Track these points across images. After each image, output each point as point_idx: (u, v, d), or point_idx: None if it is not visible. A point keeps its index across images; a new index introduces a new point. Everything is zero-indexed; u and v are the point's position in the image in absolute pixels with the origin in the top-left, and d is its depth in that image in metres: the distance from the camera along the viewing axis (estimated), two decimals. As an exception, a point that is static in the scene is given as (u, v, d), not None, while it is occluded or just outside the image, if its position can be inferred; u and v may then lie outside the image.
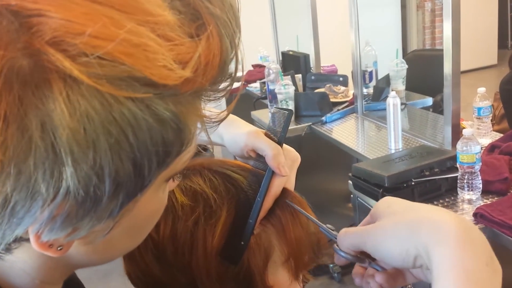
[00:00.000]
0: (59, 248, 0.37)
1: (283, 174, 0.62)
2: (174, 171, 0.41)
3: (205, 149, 0.47)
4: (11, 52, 0.30)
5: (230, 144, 0.69)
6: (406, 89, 2.74)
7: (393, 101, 2.01)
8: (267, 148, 0.62)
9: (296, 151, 0.69)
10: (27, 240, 0.36)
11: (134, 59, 0.32)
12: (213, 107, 0.41)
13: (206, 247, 0.57)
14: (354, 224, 1.96)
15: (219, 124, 0.42)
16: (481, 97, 1.93)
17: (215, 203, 0.59)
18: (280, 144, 0.63)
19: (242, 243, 0.58)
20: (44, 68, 0.30)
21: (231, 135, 0.69)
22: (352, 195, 1.89)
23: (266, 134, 0.65)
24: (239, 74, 0.40)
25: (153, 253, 0.58)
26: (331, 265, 2.80)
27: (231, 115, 0.74)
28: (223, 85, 0.39)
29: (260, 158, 0.64)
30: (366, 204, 1.75)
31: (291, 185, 0.66)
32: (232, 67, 0.39)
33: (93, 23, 0.31)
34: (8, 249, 0.39)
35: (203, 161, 0.66)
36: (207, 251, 0.57)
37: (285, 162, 0.63)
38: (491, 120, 2.05)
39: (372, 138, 2.36)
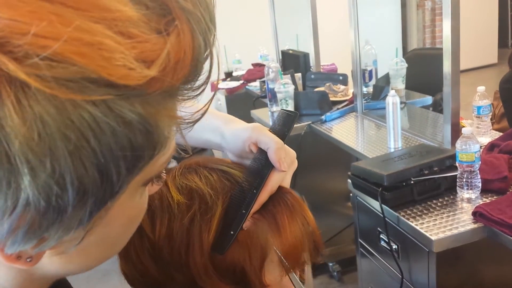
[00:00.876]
0: (28, 260, 0.36)
1: (282, 169, 0.62)
2: (150, 175, 0.39)
3: (185, 150, 0.45)
4: None
5: (231, 139, 0.68)
6: (406, 88, 2.74)
7: (392, 100, 2.01)
8: (271, 141, 0.63)
9: (296, 150, 0.69)
10: None
11: (87, 59, 0.29)
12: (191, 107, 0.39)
13: (203, 243, 0.57)
14: (353, 223, 1.96)
15: (193, 125, 0.39)
16: (480, 96, 1.92)
17: (210, 199, 0.59)
18: (282, 141, 0.64)
19: (232, 232, 0.58)
20: None
21: (233, 130, 0.68)
22: (351, 194, 1.89)
23: (270, 131, 0.66)
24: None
25: (149, 253, 0.58)
26: (331, 264, 2.80)
27: (229, 115, 0.74)
28: (198, 83, 0.36)
29: (260, 154, 0.64)
30: (365, 203, 1.75)
31: (286, 185, 0.66)
32: (208, 65, 0.36)
33: (38, 22, 0.29)
34: None
35: (199, 160, 0.67)
36: (204, 247, 0.57)
37: (286, 159, 0.63)
38: (491, 119, 2.04)
39: (372, 137, 2.36)
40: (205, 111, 0.40)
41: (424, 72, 2.86)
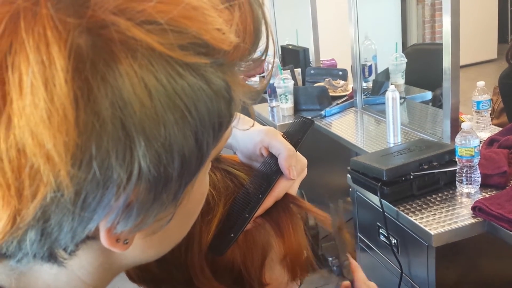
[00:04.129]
0: (125, 242, 0.36)
1: (291, 177, 0.61)
2: (218, 150, 0.41)
3: None
4: (76, 32, 0.28)
5: (243, 140, 0.67)
6: (406, 83, 2.74)
7: (392, 94, 2.01)
8: (283, 147, 0.61)
9: (294, 145, 0.68)
10: (93, 238, 0.35)
11: (196, 23, 0.31)
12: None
13: (201, 244, 0.57)
14: (353, 218, 1.96)
15: (260, 94, 0.41)
16: (480, 91, 1.92)
17: (212, 200, 0.58)
18: (294, 148, 0.63)
19: (232, 235, 0.57)
20: (111, 40, 0.29)
21: (246, 131, 0.66)
22: (350, 189, 1.89)
23: (283, 137, 0.64)
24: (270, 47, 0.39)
25: None
26: (330, 258, 2.80)
27: (242, 115, 0.73)
28: (256, 55, 0.38)
29: (270, 159, 0.63)
30: (365, 198, 1.75)
31: (293, 192, 0.65)
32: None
33: None
34: (73, 251, 0.37)
35: None
36: (202, 248, 0.57)
37: (296, 167, 0.62)
38: (490, 114, 2.05)
39: (371, 132, 2.36)
40: (269, 80, 0.41)
41: (424, 67, 2.86)
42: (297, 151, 0.64)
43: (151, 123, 0.30)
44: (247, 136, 0.66)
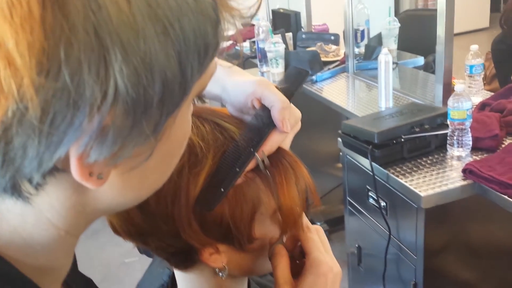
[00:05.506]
0: (99, 177, 0.32)
1: (284, 129, 0.58)
2: (203, 86, 0.38)
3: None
4: None
5: (233, 92, 0.63)
6: (398, 49, 2.70)
7: (385, 58, 1.98)
8: (277, 99, 0.58)
9: None
10: (63, 171, 0.32)
11: None
12: None
13: (189, 197, 0.55)
14: (342, 184, 1.96)
15: (250, 20, 0.38)
16: (473, 54, 1.90)
17: (201, 151, 0.56)
18: (288, 100, 0.60)
19: (222, 190, 0.55)
20: None
21: (237, 82, 0.63)
22: (341, 153, 1.88)
23: (276, 88, 0.61)
24: (228, 32, 0.37)
25: None
26: (319, 223, 2.82)
27: (234, 66, 0.70)
28: None
29: (263, 111, 0.60)
30: (355, 161, 1.74)
31: (286, 146, 0.63)
32: None
33: None
34: (39, 185, 0.33)
35: (193, 108, 0.63)
36: (189, 201, 0.55)
37: (290, 119, 0.59)
38: (482, 80, 2.03)
39: (363, 98, 2.34)
40: (259, 5, 0.39)
41: (416, 33, 2.82)
42: (291, 103, 0.61)
43: (128, 32, 0.27)
44: (238, 87, 0.63)
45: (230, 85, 0.64)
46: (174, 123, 0.35)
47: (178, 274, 0.67)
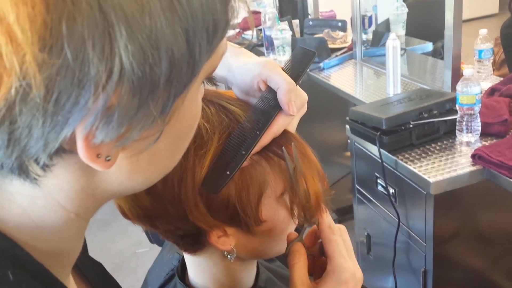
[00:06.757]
0: (107, 159, 0.32)
1: (290, 112, 0.57)
2: (213, 67, 0.38)
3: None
4: None
5: (239, 73, 0.62)
6: (406, 35, 2.67)
7: (392, 43, 1.96)
8: (283, 81, 0.57)
9: None
10: (70, 152, 0.31)
11: None
12: None
13: (195, 179, 0.55)
14: (350, 172, 1.95)
15: None
16: (482, 39, 1.88)
17: (206, 133, 0.56)
18: (295, 82, 0.59)
19: (228, 172, 0.55)
20: None
21: (242, 63, 0.62)
22: (349, 141, 1.87)
23: (283, 69, 0.60)
24: (235, 20, 0.36)
25: None
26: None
27: (240, 47, 0.69)
28: None
29: (269, 93, 0.59)
30: (363, 148, 1.73)
31: (292, 129, 0.63)
32: None
33: None
34: (47, 166, 0.33)
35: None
36: (196, 182, 0.55)
37: (296, 102, 0.58)
38: (492, 65, 2.00)
39: (371, 84, 2.32)
40: None
41: (425, 19, 2.78)
42: (298, 85, 0.60)
43: (133, 7, 0.26)
44: (244, 68, 0.62)
45: (236, 67, 0.63)
46: (182, 105, 0.35)
47: (188, 258, 0.67)
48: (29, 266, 0.35)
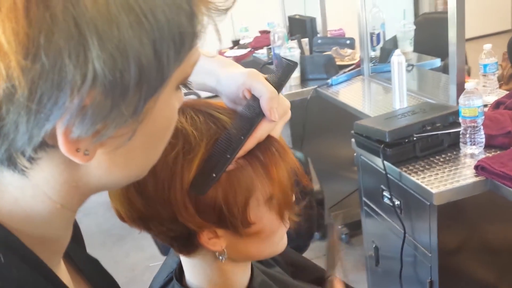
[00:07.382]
0: (85, 153, 0.36)
1: (272, 118, 0.61)
2: (185, 74, 0.42)
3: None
4: None
5: (226, 83, 0.67)
6: (416, 51, 2.70)
7: (397, 59, 1.99)
8: (264, 89, 0.62)
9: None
10: (53, 146, 0.36)
11: None
12: None
13: (183, 182, 0.59)
14: (359, 188, 1.96)
15: (225, 12, 0.41)
16: (487, 54, 1.90)
17: (194, 140, 0.60)
18: (277, 90, 0.63)
19: (214, 175, 0.59)
20: None
21: (229, 73, 0.67)
22: (355, 154, 1.89)
23: (266, 79, 0.65)
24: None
25: (135, 188, 0.60)
26: (339, 227, 2.82)
27: (227, 59, 0.73)
28: None
29: (253, 101, 0.63)
30: (369, 161, 1.76)
31: (276, 135, 0.66)
32: None
33: None
34: (32, 159, 0.37)
35: (188, 101, 0.67)
36: (184, 185, 0.59)
37: (278, 109, 0.63)
38: (499, 81, 2.02)
39: (379, 100, 2.34)
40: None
41: (434, 36, 2.80)
42: (280, 94, 0.64)
43: (103, 22, 0.31)
44: (230, 78, 0.67)
45: (223, 77, 0.68)
46: (155, 107, 0.39)
47: (184, 260, 0.71)
48: (19, 250, 0.40)
